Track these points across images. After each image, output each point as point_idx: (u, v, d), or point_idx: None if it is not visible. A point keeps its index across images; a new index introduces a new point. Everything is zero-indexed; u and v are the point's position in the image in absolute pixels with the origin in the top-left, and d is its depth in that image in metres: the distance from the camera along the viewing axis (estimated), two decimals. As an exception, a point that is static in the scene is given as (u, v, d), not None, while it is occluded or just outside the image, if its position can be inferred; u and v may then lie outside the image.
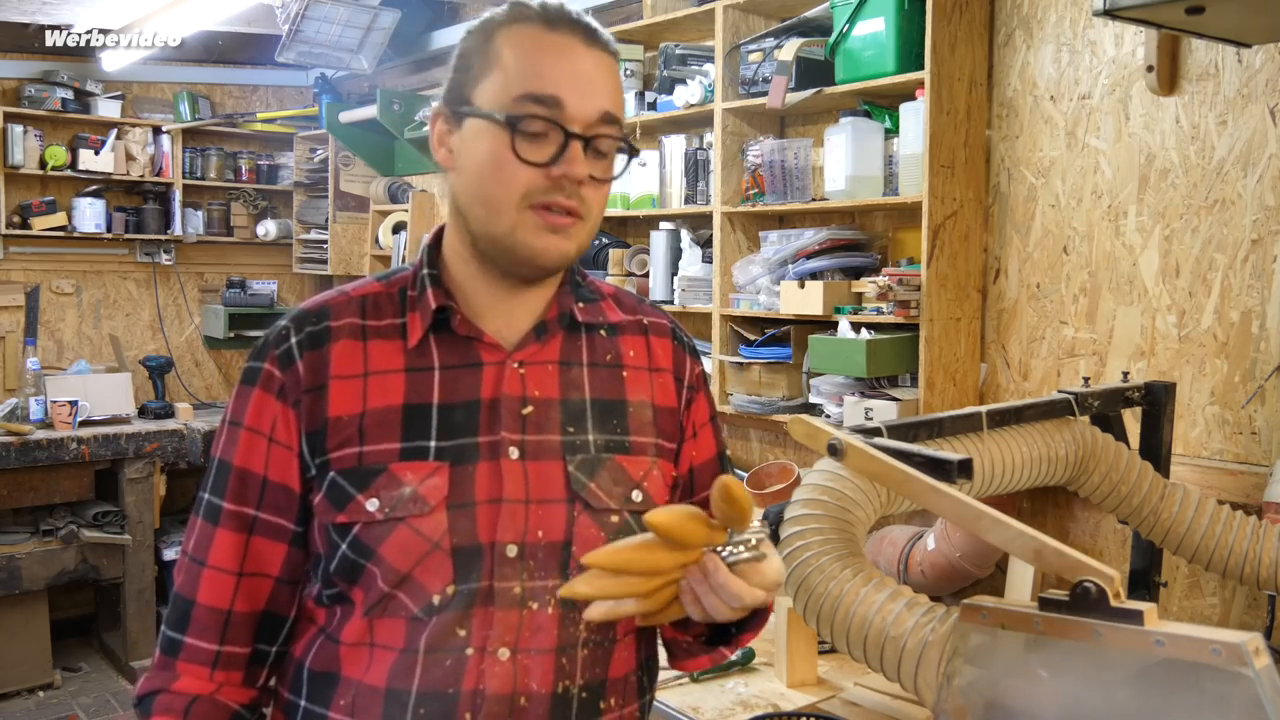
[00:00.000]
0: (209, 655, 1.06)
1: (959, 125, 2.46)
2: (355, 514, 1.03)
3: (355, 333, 1.08)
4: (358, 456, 1.04)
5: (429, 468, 1.03)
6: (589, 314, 1.16)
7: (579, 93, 1.02)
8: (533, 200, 1.02)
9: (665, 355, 1.20)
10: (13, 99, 4.70)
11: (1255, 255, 2.09)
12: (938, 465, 1.33)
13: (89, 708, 4.20)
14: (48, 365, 4.78)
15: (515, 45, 1.04)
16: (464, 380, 1.08)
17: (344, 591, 1.05)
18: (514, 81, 1.02)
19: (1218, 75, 2.13)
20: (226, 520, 1.07)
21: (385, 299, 1.11)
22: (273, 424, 1.06)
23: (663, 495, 1.14)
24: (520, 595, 1.03)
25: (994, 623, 1.15)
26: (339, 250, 4.99)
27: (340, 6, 3.96)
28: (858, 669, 1.95)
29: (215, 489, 1.08)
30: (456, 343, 1.09)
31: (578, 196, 1.03)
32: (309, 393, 1.06)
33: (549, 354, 1.12)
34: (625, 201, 3.36)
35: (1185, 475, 2.09)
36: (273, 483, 1.06)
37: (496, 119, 1.02)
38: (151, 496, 4.45)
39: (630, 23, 3.29)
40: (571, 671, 1.05)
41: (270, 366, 1.07)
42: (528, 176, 1.02)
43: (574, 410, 1.10)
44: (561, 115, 1.02)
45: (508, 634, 1.03)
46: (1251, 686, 0.97)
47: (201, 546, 1.07)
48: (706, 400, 1.25)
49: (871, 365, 2.44)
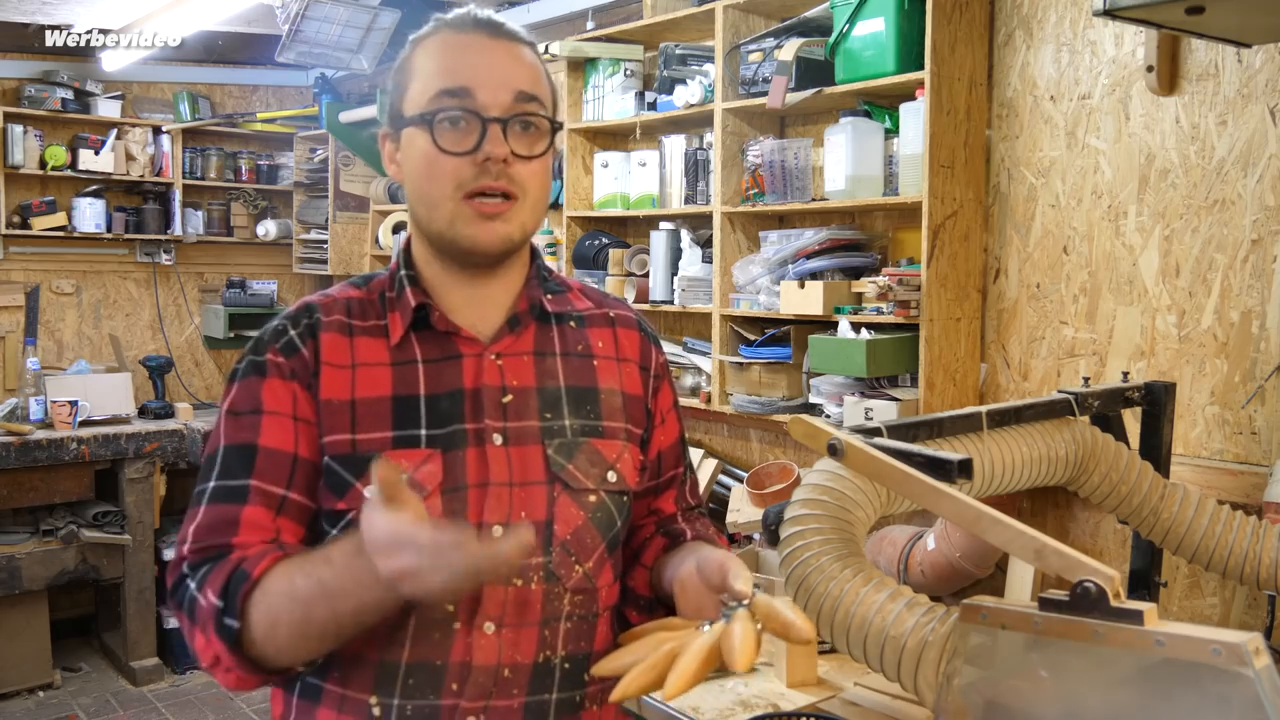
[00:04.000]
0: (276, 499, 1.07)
1: (959, 125, 2.46)
2: (355, 501, 1.07)
3: (343, 329, 1.14)
4: (351, 444, 1.08)
5: (422, 455, 1.08)
6: (558, 304, 1.21)
7: (489, 80, 1.09)
8: (465, 189, 1.08)
9: (632, 346, 1.25)
10: (13, 99, 4.70)
11: (1255, 255, 2.09)
12: (938, 465, 1.33)
13: (89, 708, 4.20)
14: (48, 365, 4.78)
15: (428, 53, 1.12)
16: (446, 372, 1.13)
17: None
18: (429, 83, 1.10)
19: (1218, 75, 2.13)
20: (255, 497, 1.06)
21: (367, 303, 1.17)
22: (293, 404, 1.09)
23: (634, 477, 1.20)
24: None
25: (994, 623, 1.15)
26: (339, 250, 4.99)
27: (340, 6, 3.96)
28: (858, 669, 1.95)
29: (228, 473, 1.07)
30: (436, 338, 1.14)
31: (506, 176, 1.08)
32: (315, 376, 1.11)
33: (523, 345, 1.17)
34: (625, 201, 3.36)
35: (1185, 475, 2.09)
36: (304, 460, 1.08)
37: (419, 119, 1.09)
38: (151, 496, 4.45)
39: (630, 23, 3.28)
40: (553, 643, 1.11)
41: (274, 357, 1.12)
42: (454, 167, 1.08)
43: (550, 397, 1.16)
44: (475, 103, 1.08)
45: (494, 609, 1.08)
46: (1251, 686, 0.96)
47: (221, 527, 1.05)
48: (670, 387, 1.31)
49: (871, 365, 2.44)
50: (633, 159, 3.35)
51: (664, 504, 1.30)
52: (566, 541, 1.12)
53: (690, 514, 1.32)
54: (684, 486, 1.33)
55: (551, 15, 3.79)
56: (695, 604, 1.07)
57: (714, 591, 1.04)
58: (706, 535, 1.27)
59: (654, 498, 1.29)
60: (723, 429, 3.28)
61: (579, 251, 3.47)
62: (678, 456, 1.31)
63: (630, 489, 1.19)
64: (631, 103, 3.32)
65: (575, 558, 1.13)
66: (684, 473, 1.33)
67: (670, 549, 1.24)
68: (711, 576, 1.04)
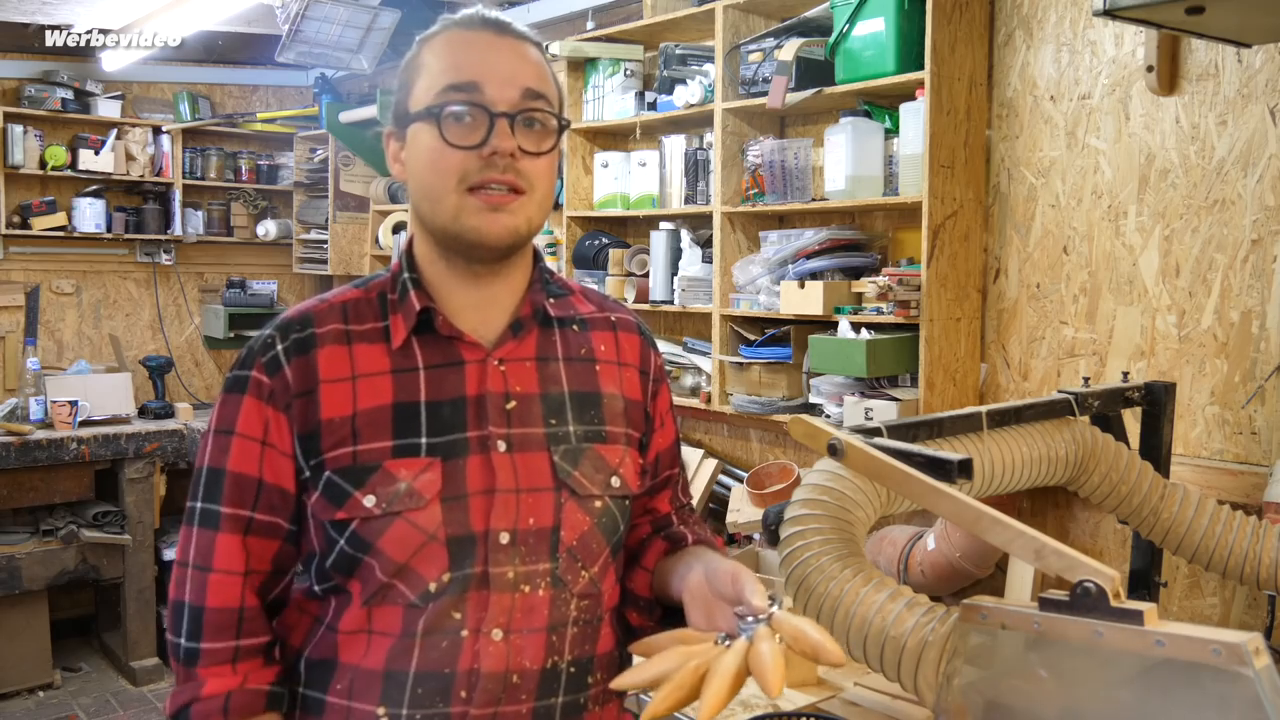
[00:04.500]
0: (228, 653, 1.10)
1: (959, 125, 2.46)
2: (353, 510, 1.07)
3: (340, 338, 1.12)
4: (352, 455, 1.08)
5: (421, 464, 1.08)
6: (560, 309, 1.21)
7: (497, 75, 1.09)
8: (470, 183, 1.08)
9: (632, 351, 1.25)
10: (13, 99, 4.70)
11: (1255, 255, 2.09)
12: (938, 465, 1.33)
13: (89, 708, 4.20)
14: (48, 365, 4.78)
15: (435, 50, 1.13)
16: (449, 379, 1.12)
17: (341, 584, 1.09)
18: (437, 79, 1.10)
19: (1218, 75, 2.13)
20: (226, 524, 1.10)
21: (365, 304, 1.16)
22: (265, 428, 1.10)
23: (635, 481, 1.20)
24: (513, 579, 1.08)
25: (994, 623, 1.15)
26: (339, 250, 4.99)
27: (340, 6, 3.96)
28: (858, 669, 1.95)
29: (209, 496, 1.11)
30: (438, 343, 1.13)
31: (514, 171, 1.08)
32: (299, 397, 1.09)
33: (526, 351, 1.17)
34: (625, 201, 3.36)
35: (1185, 475, 2.09)
36: (268, 485, 1.10)
37: (426, 114, 1.09)
38: (151, 496, 4.46)
39: (630, 23, 3.28)
40: (561, 648, 1.11)
41: (258, 374, 1.11)
42: (460, 160, 1.07)
43: (554, 403, 1.15)
44: (483, 98, 1.08)
45: (501, 616, 1.08)
46: (1251, 686, 0.96)
47: (203, 554, 1.10)
48: (667, 389, 1.31)
49: (871, 365, 2.44)
50: (633, 159, 3.35)
51: (659, 503, 1.31)
52: (573, 547, 1.12)
53: (683, 512, 1.34)
54: (677, 486, 1.34)
55: (551, 15, 3.79)
56: (706, 614, 1.06)
57: (726, 603, 1.03)
58: (707, 539, 1.27)
59: (650, 498, 1.29)
60: (723, 429, 3.28)
61: (579, 251, 3.47)
62: (674, 457, 1.32)
63: (632, 493, 1.19)
64: (631, 103, 3.32)
65: (581, 563, 1.13)
66: (678, 472, 1.34)
67: (671, 553, 1.24)
68: (724, 588, 1.03)
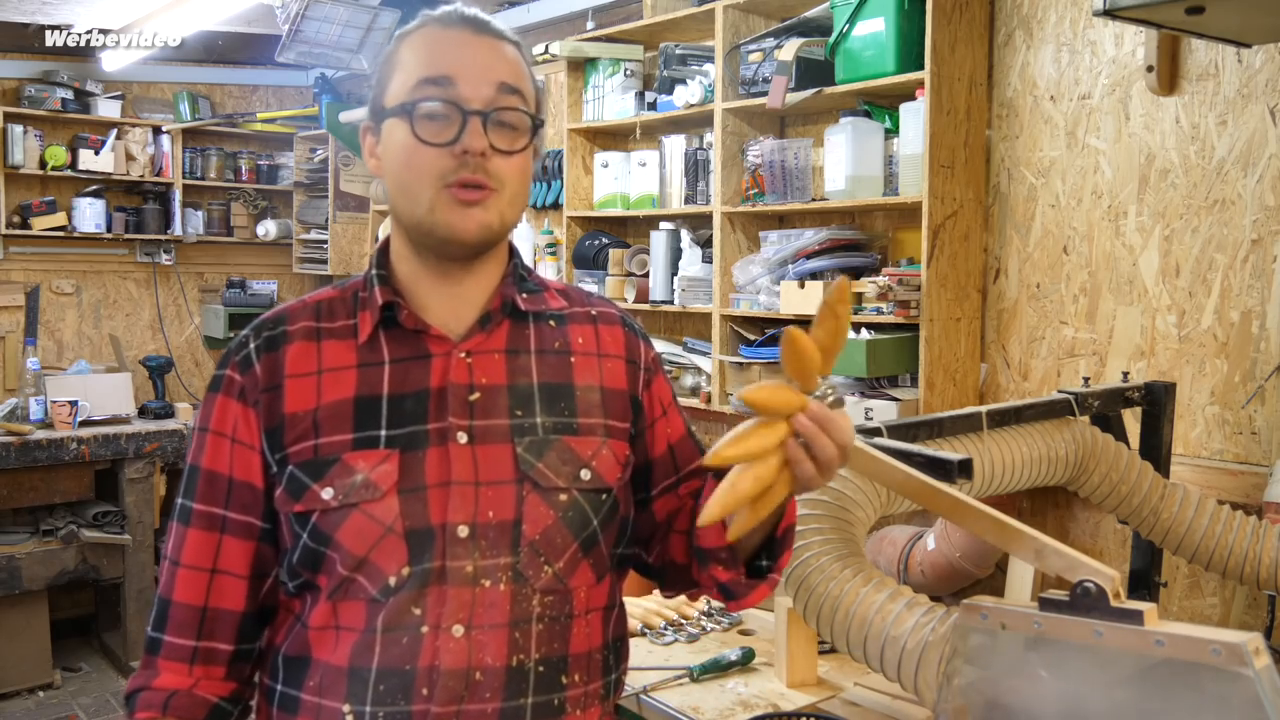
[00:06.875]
0: (186, 651, 1.11)
1: (959, 125, 2.46)
2: (311, 502, 1.07)
3: (310, 334, 1.14)
4: (313, 449, 1.09)
5: (379, 455, 1.08)
6: (533, 303, 1.20)
7: (472, 72, 1.09)
8: (445, 181, 1.08)
9: (615, 342, 1.24)
10: (13, 99, 4.70)
11: (1255, 255, 2.09)
12: (938, 465, 1.33)
13: (89, 708, 4.20)
14: (48, 365, 4.78)
15: (412, 46, 1.13)
16: (413, 372, 1.12)
17: (309, 579, 1.10)
18: (412, 73, 1.10)
19: (1218, 75, 2.13)
20: (196, 520, 1.12)
21: (339, 302, 1.17)
22: (234, 425, 1.12)
23: (614, 472, 1.18)
24: (472, 574, 1.07)
25: (994, 623, 1.15)
26: (339, 250, 4.99)
27: (340, 6, 3.96)
28: (858, 669, 1.95)
29: (186, 493, 1.14)
30: (405, 337, 1.14)
31: (483, 171, 1.08)
32: (266, 392, 1.11)
33: (495, 343, 1.16)
34: (625, 201, 3.36)
35: (1185, 475, 2.09)
36: (238, 481, 1.12)
37: (400, 110, 1.09)
38: (151, 496, 4.45)
39: (630, 23, 3.29)
40: (526, 645, 1.09)
41: (231, 372, 1.13)
42: (434, 158, 1.08)
43: (521, 395, 1.15)
44: (457, 94, 1.08)
45: (461, 611, 1.07)
46: (1251, 686, 0.97)
47: (175, 547, 1.13)
48: (666, 381, 1.30)
49: (872, 365, 2.44)
50: (633, 159, 3.35)
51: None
52: (535, 541, 1.10)
53: None
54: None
55: (551, 15, 3.80)
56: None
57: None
58: None
59: (684, 486, 1.27)
60: (723, 429, 3.27)
61: (579, 251, 3.47)
62: (693, 447, 1.29)
63: (609, 486, 1.17)
64: (631, 103, 3.32)
65: (544, 558, 1.11)
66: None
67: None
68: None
